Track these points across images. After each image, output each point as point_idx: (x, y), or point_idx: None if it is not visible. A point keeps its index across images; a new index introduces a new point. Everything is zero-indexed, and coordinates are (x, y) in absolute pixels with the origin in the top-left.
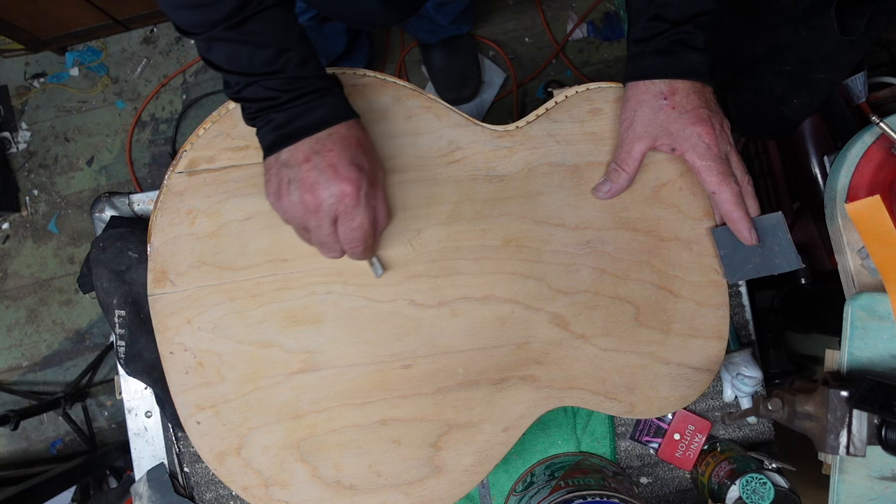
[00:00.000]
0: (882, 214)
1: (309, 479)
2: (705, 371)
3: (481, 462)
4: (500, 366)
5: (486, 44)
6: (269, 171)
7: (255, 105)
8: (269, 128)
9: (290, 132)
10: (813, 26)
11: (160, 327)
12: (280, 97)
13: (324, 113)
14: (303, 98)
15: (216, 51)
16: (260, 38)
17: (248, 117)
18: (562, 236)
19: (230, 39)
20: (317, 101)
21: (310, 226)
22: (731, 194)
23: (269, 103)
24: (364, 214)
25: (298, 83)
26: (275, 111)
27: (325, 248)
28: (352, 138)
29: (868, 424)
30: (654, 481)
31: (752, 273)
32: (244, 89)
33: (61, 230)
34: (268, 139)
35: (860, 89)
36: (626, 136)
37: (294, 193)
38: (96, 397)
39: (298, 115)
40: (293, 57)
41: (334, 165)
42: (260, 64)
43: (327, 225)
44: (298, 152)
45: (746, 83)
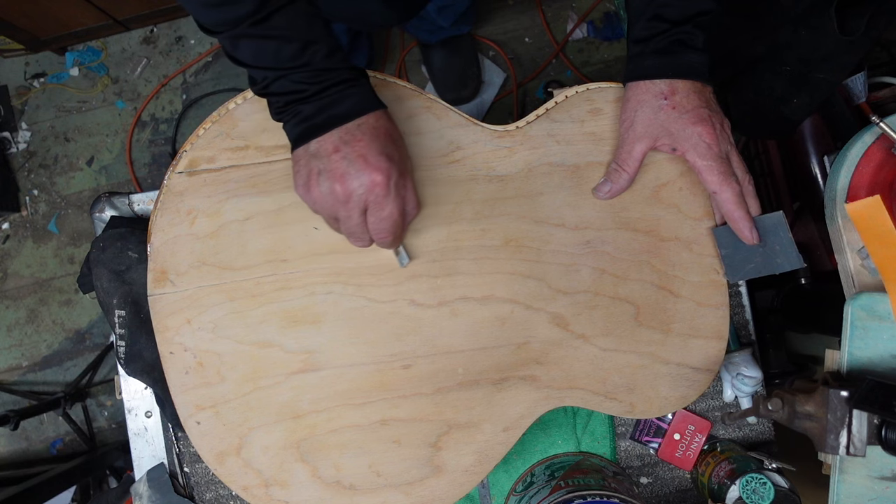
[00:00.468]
0: (882, 214)
1: (309, 479)
2: (705, 371)
3: (481, 462)
4: (500, 366)
5: (486, 44)
6: (297, 162)
7: (282, 99)
8: (296, 120)
9: (318, 123)
10: (813, 26)
11: (160, 327)
12: (308, 90)
13: (352, 103)
14: (331, 89)
15: (242, 48)
16: (285, 33)
17: (275, 112)
18: (562, 236)
19: (255, 35)
20: (345, 92)
21: (339, 216)
22: (732, 194)
23: (297, 96)
24: (394, 204)
25: (326, 75)
26: (303, 103)
27: (354, 238)
28: (381, 129)
29: (868, 424)
30: (654, 481)
31: (754, 272)
32: (272, 84)
33: (61, 230)
34: (296, 131)
35: (860, 89)
36: (627, 136)
37: (324, 184)
38: (96, 397)
39: (327, 106)
40: (319, 49)
41: (364, 156)
42: (286, 58)
43: (357, 215)
44: (328, 143)
45: (746, 83)
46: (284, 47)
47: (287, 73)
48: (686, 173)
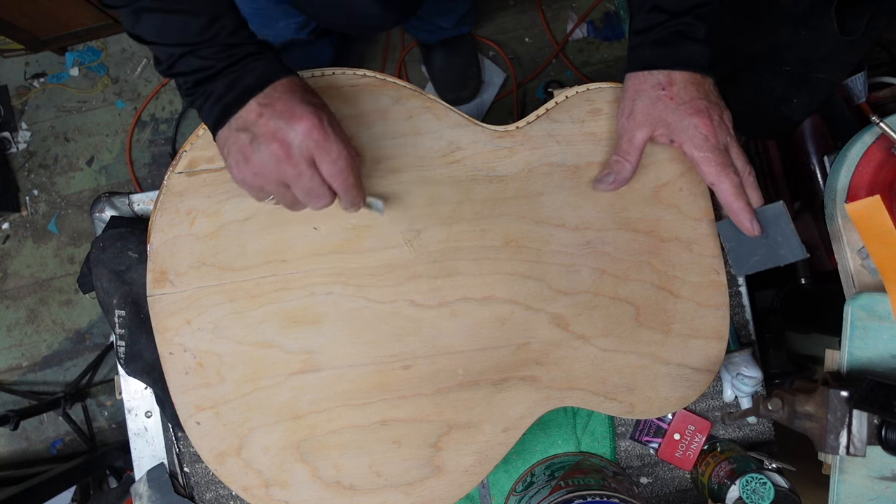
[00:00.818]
0: (882, 214)
1: (309, 480)
2: (705, 371)
3: (481, 462)
4: (500, 366)
5: (486, 44)
6: (225, 144)
7: (190, 78)
8: (210, 101)
9: (233, 99)
10: (813, 26)
11: (160, 328)
12: (215, 66)
13: (262, 72)
14: (238, 63)
15: (144, 23)
16: (191, 6)
17: (185, 94)
18: (562, 237)
19: (158, 9)
20: (253, 64)
21: (288, 176)
22: (731, 185)
23: (205, 73)
24: (340, 143)
25: (232, 49)
26: (212, 81)
27: (312, 196)
28: (296, 87)
29: (868, 424)
30: (654, 481)
31: (759, 265)
32: (178, 62)
33: (61, 230)
34: (213, 113)
35: (860, 89)
36: (627, 124)
37: (260, 149)
38: (96, 397)
39: (237, 79)
40: (226, 24)
41: (289, 109)
42: (194, 33)
43: (305, 167)
44: (249, 113)
45: (746, 82)
46: (191, 21)
47: (193, 48)
48: (686, 173)
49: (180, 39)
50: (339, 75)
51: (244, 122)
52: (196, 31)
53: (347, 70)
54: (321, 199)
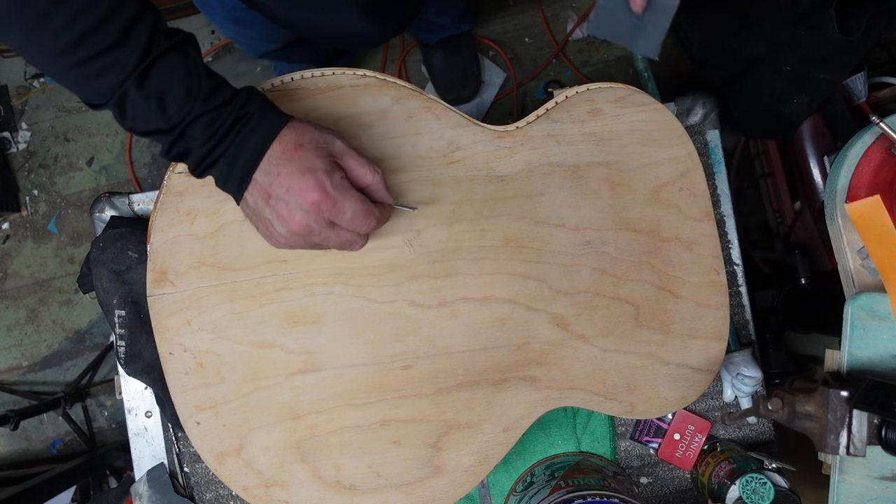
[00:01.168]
0: (882, 214)
1: (309, 480)
2: (705, 371)
3: (481, 462)
4: (500, 366)
5: (486, 44)
6: (250, 219)
7: (189, 161)
8: (220, 183)
9: (238, 178)
10: (813, 26)
11: (160, 328)
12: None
13: (252, 144)
14: (226, 139)
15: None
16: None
17: (195, 175)
18: (562, 237)
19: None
20: (241, 135)
21: (316, 241)
22: None
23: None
24: (347, 201)
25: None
26: (211, 166)
27: (347, 248)
28: (288, 148)
29: (868, 424)
30: (654, 481)
31: (612, 36)
32: (172, 147)
33: (61, 230)
34: (229, 191)
35: (860, 89)
36: None
37: (281, 229)
38: (96, 397)
39: (233, 158)
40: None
41: (291, 187)
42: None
43: (329, 232)
44: (258, 194)
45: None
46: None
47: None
48: (686, 173)
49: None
50: (340, 75)
51: (257, 206)
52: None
53: (347, 70)
54: (356, 246)
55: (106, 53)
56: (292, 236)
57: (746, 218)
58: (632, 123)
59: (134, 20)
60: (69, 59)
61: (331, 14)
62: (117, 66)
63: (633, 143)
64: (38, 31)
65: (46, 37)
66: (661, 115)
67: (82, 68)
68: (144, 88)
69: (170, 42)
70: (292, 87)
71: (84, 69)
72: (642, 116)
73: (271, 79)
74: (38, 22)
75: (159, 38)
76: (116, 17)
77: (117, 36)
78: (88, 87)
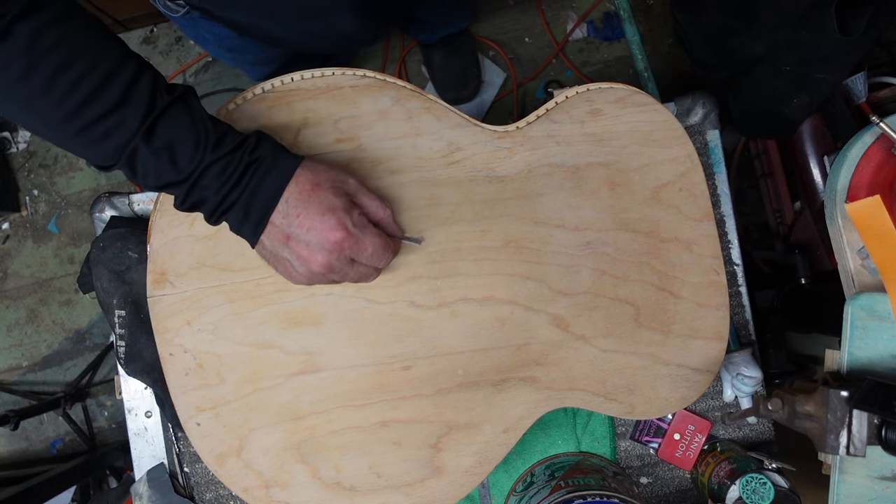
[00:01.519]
0: (882, 214)
1: (309, 481)
2: (705, 372)
3: (481, 463)
4: (500, 367)
5: (486, 44)
6: (268, 260)
7: (204, 210)
8: (235, 227)
9: (254, 222)
10: (813, 26)
11: (160, 329)
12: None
13: (267, 187)
14: (240, 185)
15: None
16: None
17: (211, 222)
18: (562, 237)
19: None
20: (254, 179)
21: (335, 278)
22: None
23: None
24: (368, 238)
25: (226, 171)
26: (226, 212)
27: (364, 281)
28: (306, 189)
29: (868, 424)
30: (654, 481)
31: None
32: (186, 198)
33: (61, 230)
34: (244, 235)
35: (860, 89)
36: None
37: (301, 269)
38: (96, 397)
39: (249, 204)
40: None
41: (312, 227)
42: (185, 162)
43: (348, 268)
44: (276, 236)
45: (746, 83)
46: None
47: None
48: (686, 174)
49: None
50: (340, 76)
51: (275, 247)
52: (186, 160)
53: (347, 70)
54: (371, 279)
55: (110, 115)
56: (313, 275)
57: (746, 218)
58: (631, 124)
59: (134, 79)
60: (74, 124)
61: (324, 18)
62: (123, 127)
63: (633, 143)
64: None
65: (49, 105)
66: (661, 116)
67: (88, 132)
68: (153, 143)
69: (172, 96)
70: (292, 87)
71: (90, 133)
72: (642, 117)
73: (271, 79)
74: (39, 92)
75: (161, 94)
76: (116, 79)
77: (119, 96)
78: (96, 151)
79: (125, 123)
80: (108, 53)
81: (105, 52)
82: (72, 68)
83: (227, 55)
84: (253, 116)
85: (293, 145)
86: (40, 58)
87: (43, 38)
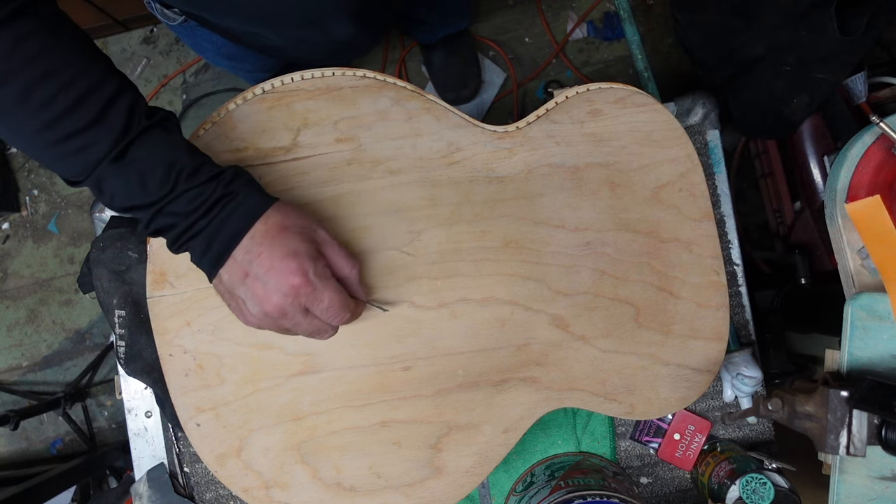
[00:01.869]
0: (882, 214)
1: (309, 481)
2: (705, 372)
3: (481, 463)
4: (500, 367)
5: (486, 44)
6: (222, 295)
7: (168, 236)
8: (196, 256)
9: (216, 253)
10: (813, 26)
11: (159, 329)
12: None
13: (235, 221)
14: (209, 214)
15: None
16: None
17: (172, 250)
18: (562, 238)
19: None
20: (224, 212)
21: (287, 326)
22: None
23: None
24: (326, 290)
25: (197, 199)
26: (191, 240)
27: (316, 335)
28: (274, 229)
29: (868, 424)
30: (654, 481)
31: None
32: (151, 223)
33: (61, 230)
34: (203, 266)
35: (860, 89)
36: None
37: (254, 309)
38: (96, 397)
39: (214, 233)
40: (182, 170)
41: (272, 267)
42: (154, 189)
43: (301, 318)
44: (235, 271)
45: (746, 83)
46: (149, 178)
47: (160, 205)
48: (686, 174)
49: (144, 200)
50: (340, 76)
51: (231, 283)
52: (157, 185)
53: (347, 71)
54: (324, 335)
55: (83, 132)
56: (265, 317)
57: (746, 218)
58: (631, 124)
59: (112, 99)
60: (46, 137)
61: (321, 25)
62: (95, 146)
63: (633, 143)
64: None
65: (23, 116)
66: (661, 116)
67: (60, 147)
68: (122, 167)
69: (150, 121)
70: (292, 87)
71: (61, 147)
72: (642, 117)
73: (271, 80)
74: (15, 101)
75: (139, 118)
76: (93, 97)
77: (94, 115)
78: (65, 165)
79: (97, 143)
80: (89, 70)
81: (87, 68)
82: (50, 81)
83: (226, 63)
84: (252, 116)
85: (293, 146)
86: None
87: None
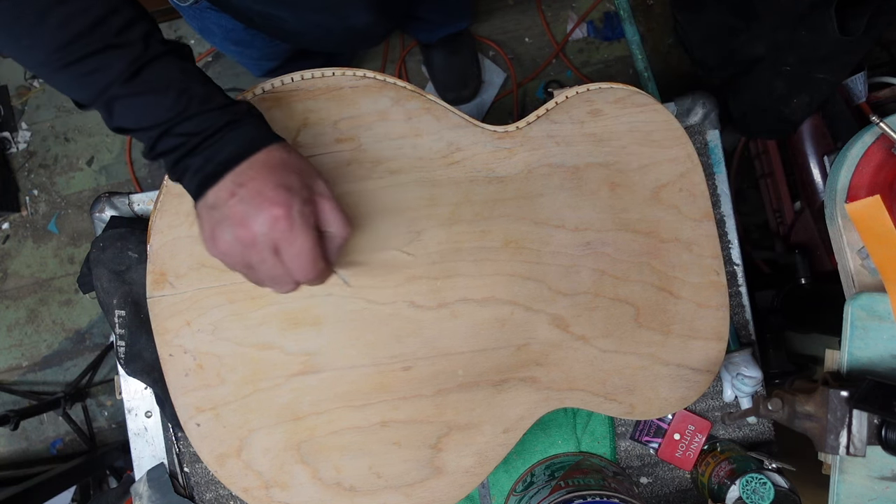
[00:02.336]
0: (882, 214)
1: (309, 481)
2: (705, 372)
3: (481, 463)
4: (500, 367)
5: (486, 44)
6: (200, 218)
7: (171, 157)
8: (189, 174)
9: (210, 172)
10: (813, 26)
11: (160, 329)
12: (189, 142)
13: (239, 144)
14: (215, 136)
15: (119, 112)
16: (156, 85)
17: (171, 174)
18: (562, 238)
19: (127, 94)
20: (230, 135)
21: (252, 262)
22: None
23: (184, 150)
24: (304, 236)
25: (206, 122)
26: (190, 157)
27: (275, 283)
28: (274, 161)
29: (868, 424)
30: (654, 481)
31: None
32: (158, 143)
33: (61, 230)
34: (192, 186)
35: (860, 89)
36: None
37: (227, 232)
38: (96, 397)
39: (214, 154)
40: (195, 95)
41: (260, 192)
42: (163, 110)
43: (269, 256)
44: (222, 191)
45: (746, 83)
46: (159, 100)
47: (168, 126)
48: (686, 174)
49: (154, 120)
50: (340, 76)
51: (216, 200)
52: (165, 108)
53: (347, 71)
54: (283, 287)
55: (97, 55)
56: (234, 243)
57: (746, 218)
58: (631, 124)
59: (128, 24)
60: (60, 58)
61: (338, 12)
62: (110, 69)
63: (633, 143)
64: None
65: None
66: (661, 116)
67: (73, 68)
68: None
69: (165, 47)
70: (292, 87)
71: (75, 68)
72: (642, 117)
73: (271, 80)
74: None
75: (154, 44)
76: (110, 21)
77: (111, 38)
78: (78, 86)
79: (111, 66)
80: None
81: None
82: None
83: (233, 48)
84: None
85: (292, 146)
86: None
87: None
